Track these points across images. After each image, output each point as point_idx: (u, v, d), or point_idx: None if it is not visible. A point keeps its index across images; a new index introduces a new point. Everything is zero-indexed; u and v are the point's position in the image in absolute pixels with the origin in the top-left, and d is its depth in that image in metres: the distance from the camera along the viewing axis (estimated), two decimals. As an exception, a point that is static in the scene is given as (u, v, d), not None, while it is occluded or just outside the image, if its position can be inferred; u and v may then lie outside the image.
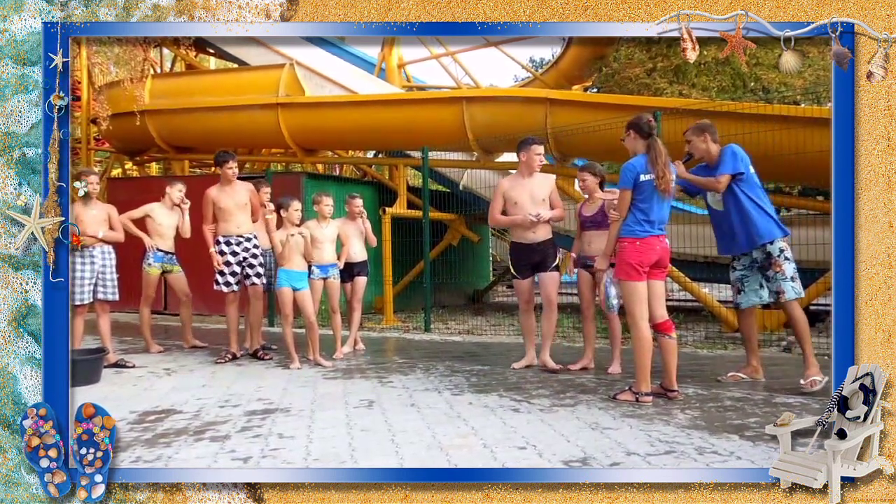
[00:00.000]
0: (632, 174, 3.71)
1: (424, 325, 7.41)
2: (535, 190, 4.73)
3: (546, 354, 4.77)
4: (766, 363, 5.07)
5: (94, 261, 4.95)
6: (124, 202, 6.00)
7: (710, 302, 6.92)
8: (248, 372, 4.89)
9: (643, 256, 3.70)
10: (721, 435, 3.02)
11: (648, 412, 3.47)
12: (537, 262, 4.77)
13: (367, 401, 3.83)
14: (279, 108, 9.10)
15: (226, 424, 3.32)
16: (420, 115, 8.67)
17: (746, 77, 10.37)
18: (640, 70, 11.38)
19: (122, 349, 5.75)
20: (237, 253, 5.36)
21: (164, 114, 9.70)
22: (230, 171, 5.35)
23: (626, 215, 3.74)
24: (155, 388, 4.33)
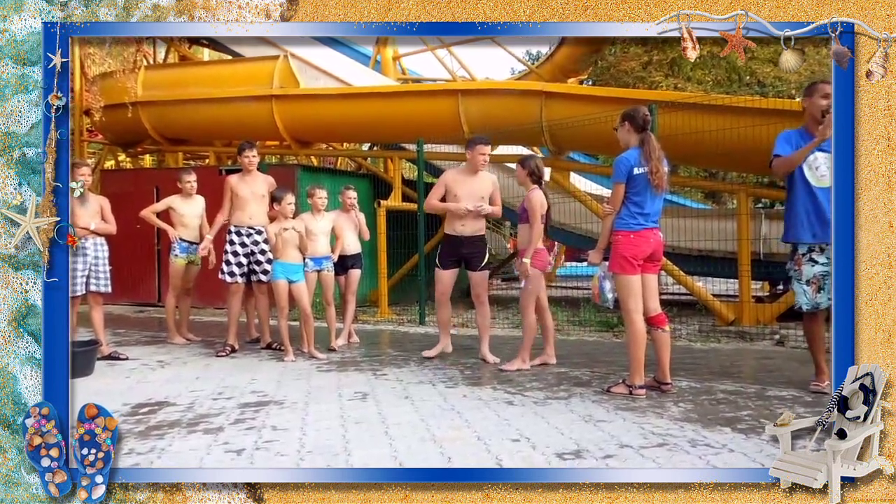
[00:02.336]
0: (626, 167, 3.70)
1: (419, 318, 7.41)
2: (476, 187, 4.83)
3: (485, 348, 4.86)
4: (759, 356, 5.10)
5: (86, 253, 4.92)
6: (117, 194, 5.97)
7: (703, 296, 6.95)
8: (242, 364, 4.88)
9: (637, 249, 3.70)
10: (714, 428, 3.04)
11: (642, 405, 3.49)
12: (464, 255, 4.88)
13: (361, 393, 3.83)
14: (273, 99, 9.05)
15: (219, 417, 3.32)
16: (415, 107, 8.65)
17: (742, 71, 10.39)
18: (636, 63, 11.38)
19: (115, 341, 5.73)
20: (245, 244, 5.35)
21: (157, 105, 9.64)
22: (247, 161, 5.36)
23: (619, 209, 3.74)
24: (148, 380, 4.32)
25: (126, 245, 5.92)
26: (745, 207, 6.88)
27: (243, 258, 5.35)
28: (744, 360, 4.95)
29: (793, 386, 3.88)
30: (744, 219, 6.76)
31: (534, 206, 4.48)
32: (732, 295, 7.39)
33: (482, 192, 4.85)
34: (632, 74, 11.30)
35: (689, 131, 6.41)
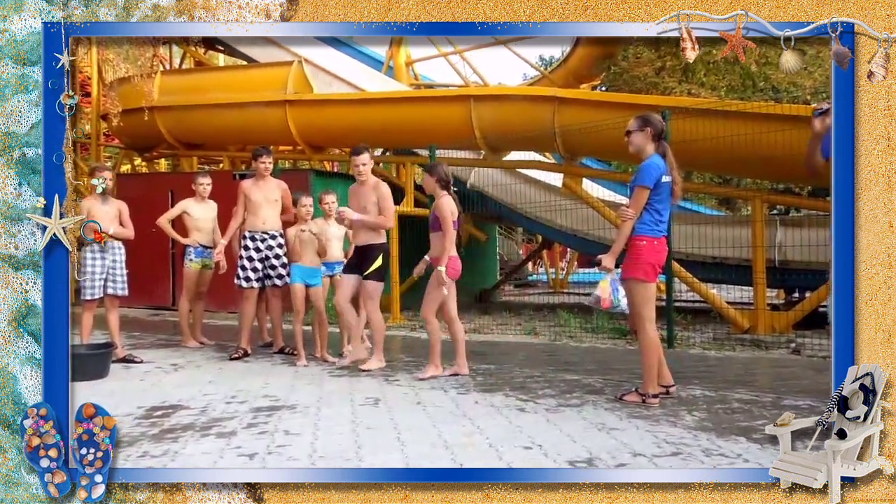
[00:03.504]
0: (657, 173, 3.65)
1: (431, 324, 7.39)
2: (361, 195, 4.82)
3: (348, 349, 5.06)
4: (775, 365, 5.05)
5: (104, 256, 4.98)
6: (133, 198, 6.02)
7: (718, 303, 6.89)
8: (255, 368, 4.90)
9: (660, 256, 3.71)
10: (728, 437, 3.01)
11: (655, 413, 3.46)
12: (356, 263, 4.90)
13: (373, 399, 3.83)
14: (287, 105, 9.11)
15: (232, 421, 3.33)
16: (428, 113, 8.67)
17: (755, 76, 10.31)
18: (649, 69, 11.33)
19: (130, 344, 5.78)
20: (260, 250, 5.38)
21: (173, 110, 9.74)
22: (262, 166, 5.40)
23: (640, 214, 3.69)
24: (162, 383, 4.35)
25: (141, 249, 5.97)
26: (760, 214, 6.83)
27: (258, 263, 5.38)
28: (759, 369, 4.90)
29: (809, 395, 3.83)
30: (759, 226, 6.71)
31: (444, 213, 4.43)
32: (747, 302, 7.32)
33: (364, 202, 4.80)
34: (645, 80, 11.25)
35: (703, 137, 6.38)
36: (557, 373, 4.63)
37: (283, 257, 5.42)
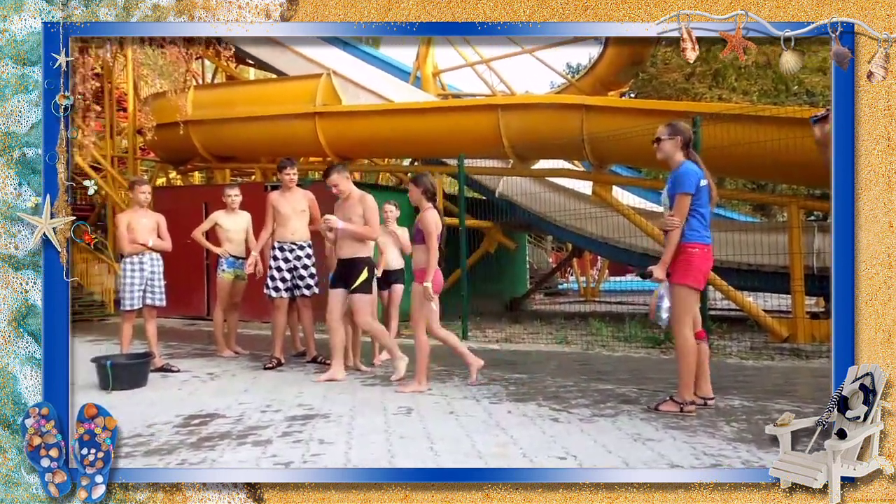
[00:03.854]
0: (696, 178, 3.63)
1: (462, 333, 7.39)
2: (346, 208, 4.79)
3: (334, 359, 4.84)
4: (816, 375, 4.92)
5: (143, 268, 5.10)
6: (168, 210, 6.16)
7: (755, 311, 6.74)
8: (288, 378, 4.95)
9: (710, 264, 3.69)
10: (770, 449, 2.93)
11: (692, 424, 3.40)
12: (342, 276, 4.84)
13: (406, 408, 3.84)
14: (316, 117, 9.24)
15: (268, 429, 3.37)
16: (455, 122, 8.70)
17: (789, 80, 10.13)
18: (679, 74, 11.21)
19: (167, 353, 5.89)
20: (289, 260, 5.45)
21: (206, 124, 9.96)
22: (287, 178, 5.48)
23: (685, 221, 3.63)
24: (199, 392, 4.42)
25: (176, 260, 6.09)
26: (797, 220, 6.68)
27: (287, 273, 5.45)
28: (799, 378, 4.77)
29: (852, 406, 3.72)
30: (796, 232, 6.57)
31: (429, 226, 4.36)
32: (785, 311, 7.15)
33: (349, 214, 4.80)
34: (674, 86, 11.14)
35: (736, 143, 6.27)
36: (590, 382, 4.58)
37: (311, 267, 5.47)
